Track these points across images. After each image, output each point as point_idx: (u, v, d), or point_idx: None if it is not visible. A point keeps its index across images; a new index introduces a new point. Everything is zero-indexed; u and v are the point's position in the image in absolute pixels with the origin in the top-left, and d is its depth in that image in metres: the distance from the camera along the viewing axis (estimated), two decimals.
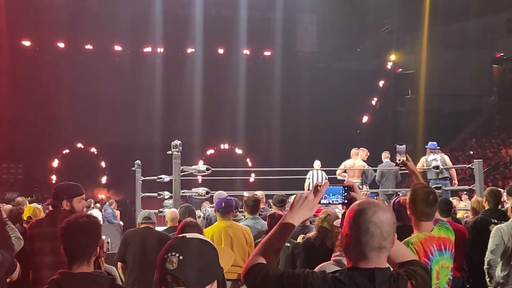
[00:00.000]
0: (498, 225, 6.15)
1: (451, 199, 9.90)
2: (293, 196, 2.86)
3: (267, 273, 2.47)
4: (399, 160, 4.71)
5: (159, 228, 9.37)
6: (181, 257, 2.11)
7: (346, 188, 2.72)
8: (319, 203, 2.67)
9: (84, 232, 3.08)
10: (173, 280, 2.10)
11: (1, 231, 3.97)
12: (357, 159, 14.04)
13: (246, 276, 2.54)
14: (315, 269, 3.02)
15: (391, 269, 2.49)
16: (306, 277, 2.41)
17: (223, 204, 6.60)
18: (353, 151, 14.14)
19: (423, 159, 12.73)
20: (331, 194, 2.71)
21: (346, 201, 2.69)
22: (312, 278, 2.41)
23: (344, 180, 13.76)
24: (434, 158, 12.48)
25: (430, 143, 12.96)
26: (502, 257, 6.03)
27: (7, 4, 23.67)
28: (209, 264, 2.19)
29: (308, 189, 13.74)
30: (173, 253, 2.12)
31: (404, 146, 4.75)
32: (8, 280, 4.73)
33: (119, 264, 6.89)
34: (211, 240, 6.18)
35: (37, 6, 23.55)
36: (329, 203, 2.73)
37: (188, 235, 2.25)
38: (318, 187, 2.67)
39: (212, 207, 10.61)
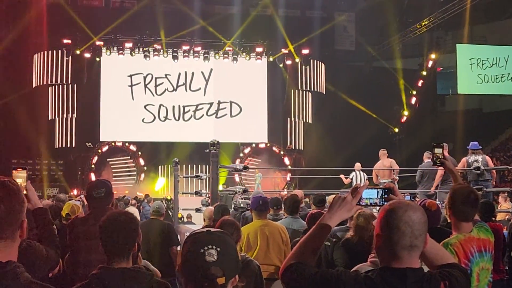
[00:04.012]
0: None
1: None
2: (332, 196, 2.86)
3: (302, 272, 2.50)
4: (437, 159, 4.69)
5: (197, 227, 9.58)
6: (219, 249, 2.14)
7: (386, 190, 2.71)
8: (359, 204, 2.67)
9: (123, 229, 3.14)
10: (216, 272, 2.12)
11: (49, 229, 4.03)
12: (385, 159, 14.17)
13: (283, 275, 2.58)
14: (353, 268, 3.03)
15: (425, 270, 2.48)
16: (338, 276, 2.45)
17: (260, 202, 6.54)
18: (380, 152, 14.39)
19: (464, 159, 12.53)
20: (370, 196, 2.70)
21: (385, 202, 2.66)
22: (344, 276, 2.44)
23: (385, 183, 13.82)
24: (476, 159, 12.26)
25: (471, 143, 12.74)
26: None
27: (48, 3, 24.10)
28: (236, 254, 2.24)
29: None
30: (210, 246, 2.14)
31: (441, 144, 4.73)
32: (50, 275, 4.80)
33: None
34: (246, 239, 6.23)
35: (78, 5, 23.93)
36: (368, 204, 2.73)
37: (211, 229, 2.28)
38: (357, 189, 2.67)
39: (243, 199, 10.67)
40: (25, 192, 3.78)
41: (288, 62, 26.63)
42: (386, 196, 2.70)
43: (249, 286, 4.76)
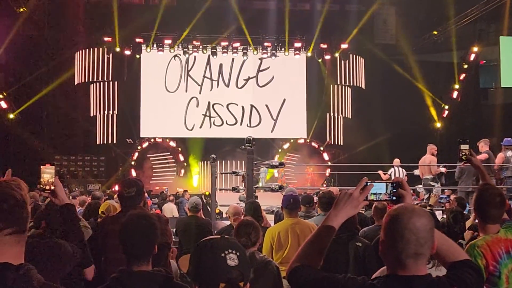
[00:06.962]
0: None
1: None
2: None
3: (309, 276, 2.48)
4: (464, 155, 4.60)
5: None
6: (238, 253, 2.17)
7: (394, 185, 2.66)
8: (366, 199, 2.63)
9: (142, 233, 3.15)
10: (237, 276, 2.14)
11: (75, 225, 4.09)
12: (426, 156, 14.03)
13: (289, 276, 2.55)
14: (376, 273, 2.99)
15: (432, 275, 2.42)
16: (345, 282, 2.41)
17: (291, 200, 6.50)
18: (428, 146, 14.18)
19: (502, 154, 12.32)
20: (378, 191, 2.66)
21: (394, 198, 2.64)
22: (351, 283, 2.41)
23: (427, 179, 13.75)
24: None
25: (505, 139, 12.53)
26: None
27: (88, 1, 24.44)
28: (249, 259, 2.25)
29: None
30: (230, 251, 2.16)
31: (468, 141, 4.64)
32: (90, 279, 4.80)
33: None
34: (277, 237, 6.20)
35: (117, 2, 24.19)
36: (374, 200, 2.70)
37: (224, 236, 2.30)
38: (366, 183, 2.63)
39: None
40: (52, 187, 3.83)
41: (327, 57, 26.48)
42: (394, 191, 2.65)
43: (268, 287, 4.73)
